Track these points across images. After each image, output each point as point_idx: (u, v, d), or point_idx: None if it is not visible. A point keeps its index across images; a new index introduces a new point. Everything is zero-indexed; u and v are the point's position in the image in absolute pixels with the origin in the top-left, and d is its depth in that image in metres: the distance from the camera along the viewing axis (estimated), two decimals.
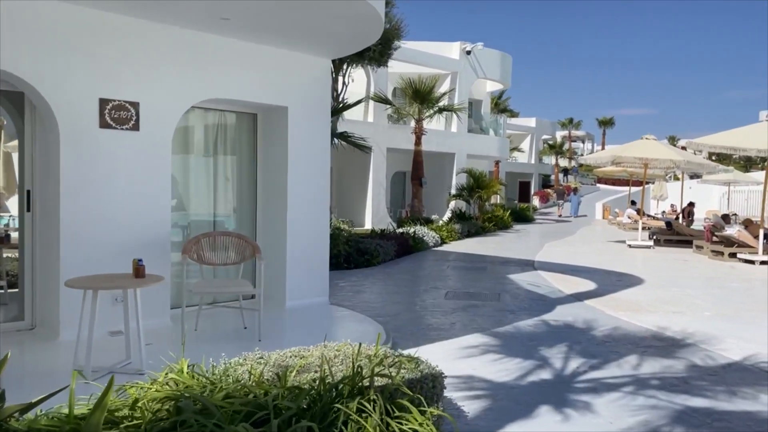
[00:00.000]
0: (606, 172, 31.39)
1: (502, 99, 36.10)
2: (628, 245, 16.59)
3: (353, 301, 7.91)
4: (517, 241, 18.17)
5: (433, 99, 20.00)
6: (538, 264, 12.32)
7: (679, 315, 7.38)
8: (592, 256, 14.26)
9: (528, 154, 47.73)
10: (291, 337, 5.80)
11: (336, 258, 10.91)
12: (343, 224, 17.20)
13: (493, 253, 14.51)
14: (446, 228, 17.72)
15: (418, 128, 20.18)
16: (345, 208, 22.84)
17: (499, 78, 26.44)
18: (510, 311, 7.43)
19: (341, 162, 23.14)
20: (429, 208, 25.02)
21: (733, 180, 32.20)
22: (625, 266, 12.37)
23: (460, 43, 24.38)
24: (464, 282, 9.82)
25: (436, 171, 25.15)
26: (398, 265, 11.70)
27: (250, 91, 6.55)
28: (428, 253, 13.95)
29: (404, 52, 22.56)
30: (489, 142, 26.98)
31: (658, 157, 15.29)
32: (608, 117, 72.99)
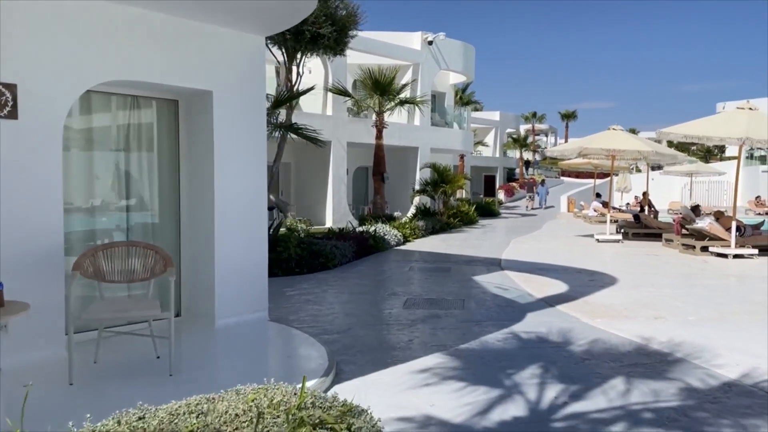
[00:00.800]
0: (571, 165, 31.08)
1: (466, 92, 35.49)
2: (596, 239, 16.03)
3: (299, 315, 6.96)
4: (483, 238, 17.46)
5: (393, 91, 19.11)
6: (504, 263, 11.57)
7: (662, 321, 6.66)
8: (561, 253, 13.61)
9: (492, 148, 47.35)
10: (212, 369, 4.82)
11: (287, 262, 9.95)
12: (301, 223, 16.22)
13: (458, 251, 13.72)
14: (409, 225, 16.88)
15: (379, 121, 19.27)
16: (304, 205, 21.79)
17: (462, 69, 25.72)
18: (475, 322, 6.59)
19: (299, 157, 22.08)
20: (393, 205, 24.18)
21: (695, 171, 32.32)
22: (595, 263, 11.72)
23: (421, 33, 23.54)
24: (426, 286, 8.96)
25: (399, 166, 24.31)
26: (356, 268, 10.79)
27: (166, 73, 5.52)
28: (390, 254, 13.08)
29: (363, 42, 21.61)
30: (453, 135, 26.27)
31: (626, 148, 14.73)
32: (571, 110, 73.42)
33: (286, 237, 10.51)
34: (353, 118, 21.30)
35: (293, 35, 14.19)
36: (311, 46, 14.75)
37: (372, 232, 13.87)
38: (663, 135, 12.13)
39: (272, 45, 15.36)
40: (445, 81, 27.99)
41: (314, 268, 10.29)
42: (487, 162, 44.63)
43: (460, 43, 25.32)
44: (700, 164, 31.56)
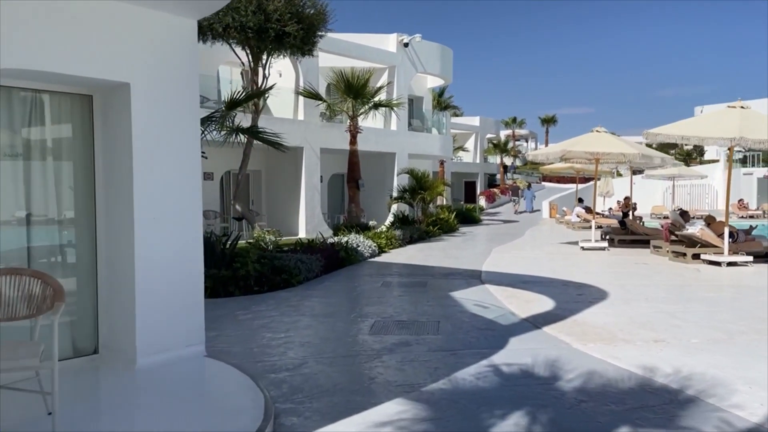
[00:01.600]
0: (552, 169, 30.42)
1: (444, 96, 34.77)
2: (581, 247, 15.27)
3: (247, 345, 6.00)
4: (463, 247, 16.62)
5: (368, 94, 18.24)
6: (485, 275, 10.70)
7: (663, 345, 5.82)
8: (545, 262, 12.80)
9: (473, 154, 46.75)
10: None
11: (244, 280, 8.97)
12: (269, 234, 15.22)
13: (436, 262, 12.84)
14: (385, 235, 15.97)
15: (353, 126, 18.37)
16: (276, 215, 20.78)
17: (440, 72, 24.97)
18: (450, 351, 5.69)
19: (270, 164, 21.09)
20: (370, 213, 23.26)
21: (678, 174, 31.90)
22: (582, 274, 10.92)
23: (396, 35, 22.75)
24: (398, 305, 8.04)
25: (376, 172, 23.42)
26: (323, 285, 9.84)
27: (74, 61, 4.56)
28: (362, 267, 12.14)
29: (336, 44, 20.75)
30: (431, 140, 25.48)
31: (610, 150, 14.01)
32: (551, 115, 73.29)
33: (245, 252, 9.53)
34: (326, 123, 20.39)
35: (256, 33, 13.25)
36: (277, 45, 13.83)
37: (344, 244, 12.93)
38: (651, 136, 11.40)
39: (236, 45, 14.43)
40: (423, 85, 27.23)
41: (276, 286, 9.32)
42: (468, 168, 43.98)
43: (437, 45, 24.59)
44: (682, 168, 31.14)
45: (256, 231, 14.96)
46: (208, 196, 19.81)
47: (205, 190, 19.30)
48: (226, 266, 9.16)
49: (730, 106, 11.61)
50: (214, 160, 19.35)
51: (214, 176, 19.69)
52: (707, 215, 13.51)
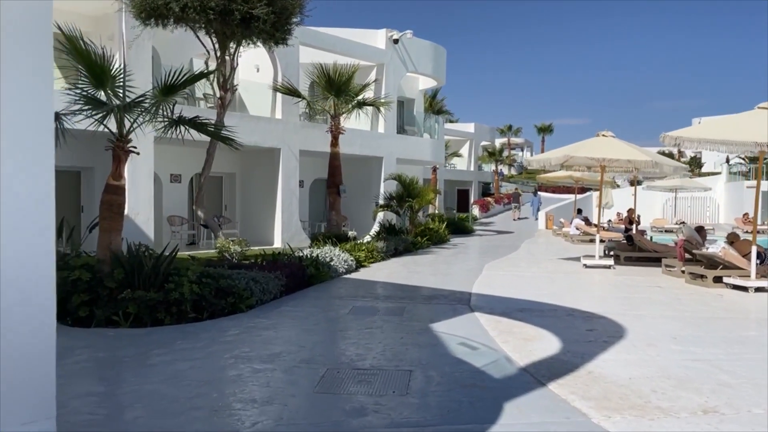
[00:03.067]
0: (550, 178, 28.93)
1: (437, 99, 33.25)
2: (584, 265, 13.66)
3: (130, 415, 4.31)
4: (453, 261, 14.97)
5: (352, 91, 16.63)
6: (476, 300, 9.06)
7: (718, 419, 4.18)
8: (544, 283, 11.17)
9: (467, 161, 45.21)
10: None
11: (178, 305, 7.28)
12: (234, 245, 13.53)
13: (421, 280, 11.20)
14: (366, 247, 14.30)
15: (335, 125, 16.73)
16: (250, 222, 19.09)
17: (432, 72, 23.40)
18: (420, 427, 4.02)
19: (246, 167, 19.42)
20: (354, 222, 21.60)
21: (680, 186, 30.44)
22: (588, 299, 9.30)
23: (386, 31, 21.17)
24: (363, 344, 6.36)
25: (361, 178, 21.79)
26: (278, 310, 8.15)
27: None
28: (333, 286, 10.47)
29: (319, 38, 19.15)
30: (422, 144, 23.87)
31: (618, 156, 12.43)
32: (547, 124, 72.00)
33: (180, 270, 7.84)
34: (307, 123, 18.76)
35: (219, 15, 11.61)
36: (244, 31, 12.19)
37: (314, 257, 11.26)
38: (669, 139, 9.81)
39: (199, 30, 12.80)
40: (414, 86, 25.66)
41: (219, 312, 7.64)
42: (461, 175, 42.45)
43: (429, 43, 23.03)
44: (685, 179, 29.64)
45: (219, 240, 13.30)
46: (175, 201, 18.10)
47: (172, 193, 17.50)
48: (158, 287, 7.48)
49: (760, 107, 10.04)
50: (183, 161, 17.67)
51: (182, 178, 18.00)
52: (730, 232, 11.95)
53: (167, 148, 17.04)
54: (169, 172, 17.59)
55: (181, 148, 17.20)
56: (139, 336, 6.62)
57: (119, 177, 7.73)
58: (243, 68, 19.36)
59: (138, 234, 14.52)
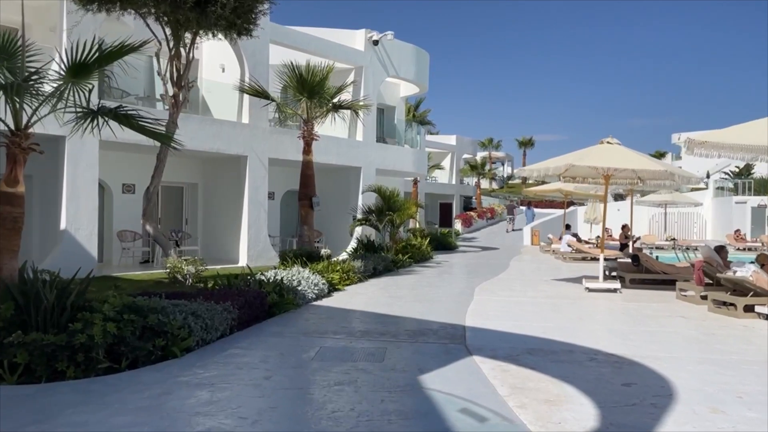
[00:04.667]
0: (537, 192, 27.59)
1: (419, 110, 31.79)
2: (586, 288, 12.12)
3: None
4: (438, 283, 13.33)
5: (327, 93, 15.00)
6: (472, 336, 7.41)
7: None
8: (547, 311, 9.57)
9: (448, 174, 43.83)
10: None
11: (86, 351, 5.49)
12: (188, 264, 11.74)
13: (404, 309, 9.51)
14: (341, 267, 12.58)
15: (307, 131, 15.05)
16: (214, 239, 17.25)
17: (414, 78, 21.90)
18: None
19: (209, 177, 17.60)
20: (330, 237, 19.90)
21: (670, 201, 29.32)
22: (608, 336, 7.72)
23: (365, 31, 19.66)
24: (329, 412, 4.63)
25: (338, 189, 20.13)
26: (223, 355, 6.38)
27: None
28: (299, 316, 8.72)
29: (292, 36, 17.52)
30: (403, 154, 22.30)
31: (630, 166, 10.97)
32: (528, 138, 71.22)
33: (95, 305, 6.05)
34: (278, 129, 17.07)
35: None
36: (200, 18, 10.50)
37: (278, 281, 9.51)
38: (693, 144, 8.34)
39: (149, 17, 11.08)
40: (395, 93, 24.16)
41: (145, 358, 5.85)
42: (443, 189, 41.01)
43: (411, 46, 21.56)
44: (675, 193, 28.52)
45: (170, 260, 11.50)
46: (128, 214, 16.14)
47: (124, 205, 15.51)
48: (62, 326, 5.69)
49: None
50: (138, 169, 15.76)
51: (135, 189, 16.09)
52: (760, 254, 10.48)
53: (119, 155, 15.20)
54: (121, 182, 15.70)
55: (135, 155, 15.42)
56: (22, 398, 4.82)
57: (15, 182, 5.93)
58: (207, 68, 17.67)
59: (79, 252, 12.63)
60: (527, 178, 71.28)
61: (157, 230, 12.07)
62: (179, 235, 16.26)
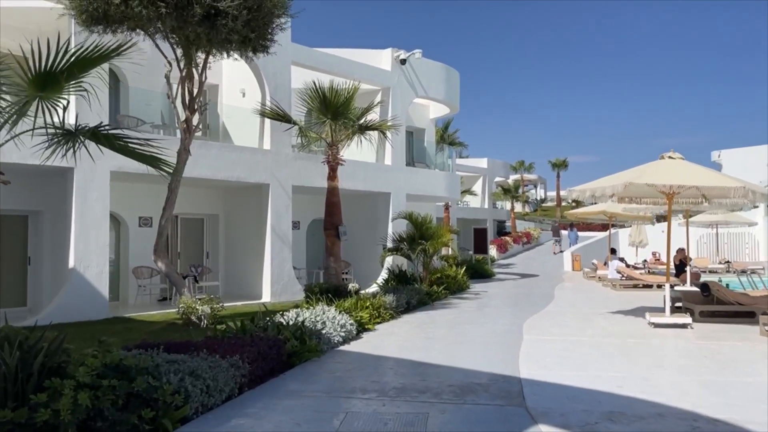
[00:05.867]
0: (580, 214, 26.02)
1: (449, 131, 30.66)
2: (650, 323, 10.63)
3: None
4: (480, 319, 11.96)
5: (352, 114, 13.97)
6: (530, 392, 6.06)
7: None
8: (615, 356, 8.13)
9: (480, 198, 42.42)
10: None
11: (52, 430, 4.35)
12: (203, 304, 10.67)
13: (444, 354, 8.20)
14: (371, 303, 11.33)
15: (332, 155, 14.00)
16: (235, 273, 16.21)
17: (444, 98, 20.82)
18: None
19: (229, 207, 16.66)
20: (359, 268, 18.72)
21: (723, 221, 27.37)
22: (701, 391, 6.26)
23: (391, 50, 18.70)
24: None
25: (366, 217, 19.01)
26: (226, 425, 5.18)
27: None
28: (322, 368, 7.48)
29: (316, 58, 16.63)
30: (434, 178, 21.09)
31: (702, 183, 9.56)
32: (561, 159, 69.38)
33: (70, 368, 4.93)
34: (302, 155, 16.07)
35: (174, 9, 9.01)
36: (210, 33, 9.56)
37: (298, 325, 8.31)
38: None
39: (156, 35, 10.22)
40: (424, 115, 23.11)
41: None
42: (476, 213, 39.58)
43: (440, 65, 20.53)
44: (728, 213, 26.57)
45: (183, 299, 10.43)
46: (145, 249, 15.23)
47: (140, 239, 14.62)
48: (26, 397, 4.58)
49: None
50: (155, 201, 14.87)
51: (153, 222, 15.21)
52: None
53: (135, 187, 14.36)
54: (138, 215, 14.83)
55: (152, 185, 14.52)
56: None
57: None
58: (227, 93, 16.89)
59: (88, 292, 11.68)
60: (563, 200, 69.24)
61: (169, 266, 11.04)
62: (199, 270, 15.27)
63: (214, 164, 13.70)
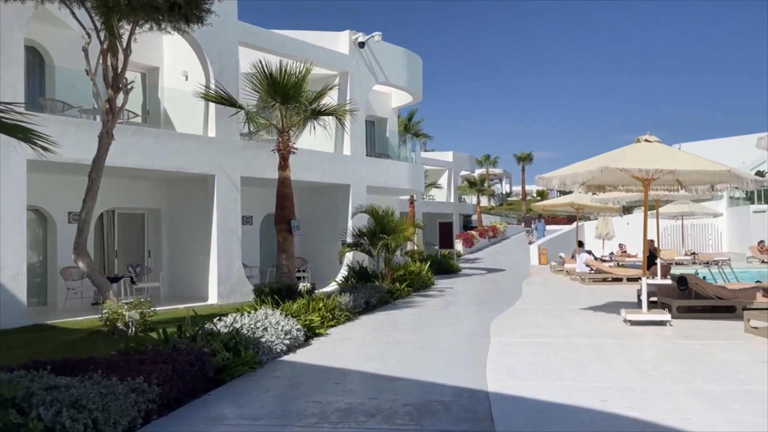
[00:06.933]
0: (547, 206, 25.34)
1: (412, 121, 29.66)
2: (626, 320, 9.82)
3: None
4: (445, 319, 10.99)
5: (304, 98, 12.78)
6: (500, 411, 5.09)
7: None
8: (593, 360, 7.22)
9: (446, 192, 41.66)
10: None
11: None
12: (131, 309, 9.43)
13: (402, 362, 7.18)
14: (324, 304, 10.23)
15: (283, 143, 12.81)
16: (180, 273, 14.89)
17: (406, 84, 19.78)
18: None
19: (172, 200, 15.30)
20: (318, 265, 17.61)
21: (688, 212, 27.13)
22: (696, 403, 5.37)
23: (349, 33, 17.57)
24: None
25: (324, 211, 17.91)
26: None
27: None
28: (256, 384, 6.35)
29: (266, 38, 15.35)
30: (397, 169, 20.06)
31: (685, 167, 8.75)
32: (526, 153, 69.28)
33: None
34: (252, 143, 14.82)
35: None
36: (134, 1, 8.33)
37: (232, 332, 7.16)
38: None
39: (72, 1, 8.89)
40: (386, 104, 22.06)
41: None
42: (442, 208, 38.77)
43: (402, 50, 19.48)
44: (693, 204, 26.33)
45: (108, 304, 9.15)
46: None
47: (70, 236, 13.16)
48: None
49: None
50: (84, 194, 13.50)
51: None
52: None
53: (64, 179, 12.89)
54: (67, 210, 13.36)
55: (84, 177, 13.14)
56: None
57: None
58: (170, 76, 15.50)
59: (3, 296, 10.26)
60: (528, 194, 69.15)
61: (91, 266, 9.71)
62: (138, 270, 13.91)
63: (149, 153, 12.38)
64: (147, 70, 15.50)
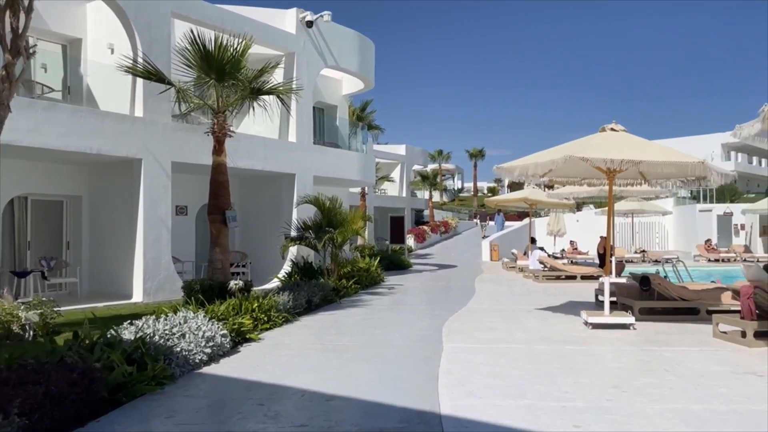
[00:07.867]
0: (500, 201, 24.78)
1: (365, 111, 28.60)
2: (586, 323, 9.12)
3: None
4: (394, 321, 10.05)
5: (243, 75, 11.53)
6: None
7: None
8: (558, 371, 6.39)
9: (398, 186, 40.83)
10: None
11: None
12: (26, 311, 8.06)
13: (342, 375, 6.17)
14: (258, 305, 9.11)
15: (218, 124, 11.51)
16: (102, 267, 13.40)
17: (358, 69, 18.69)
18: None
19: (93, 187, 13.76)
20: (260, 260, 16.38)
21: (639, 210, 27.12)
22: (681, 427, 4.58)
23: (296, 11, 16.34)
24: None
25: (267, 201, 16.71)
26: None
27: None
28: (161, 406, 5.22)
29: (203, 10, 13.93)
30: (347, 159, 18.98)
31: (653, 158, 8.06)
32: (479, 149, 69.31)
33: None
34: (185, 126, 13.46)
35: None
36: None
37: (138, 342, 5.98)
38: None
39: None
40: (336, 91, 20.93)
41: None
42: (394, 202, 37.91)
43: (353, 32, 18.38)
44: (643, 202, 26.34)
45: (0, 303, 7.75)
46: None
47: None
48: None
49: None
50: None
51: None
52: None
53: None
54: None
55: None
56: None
57: None
58: (94, 49, 13.94)
59: None
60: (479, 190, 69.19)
61: None
62: (52, 264, 12.38)
63: (63, 132, 10.91)
64: (68, 41, 13.89)
